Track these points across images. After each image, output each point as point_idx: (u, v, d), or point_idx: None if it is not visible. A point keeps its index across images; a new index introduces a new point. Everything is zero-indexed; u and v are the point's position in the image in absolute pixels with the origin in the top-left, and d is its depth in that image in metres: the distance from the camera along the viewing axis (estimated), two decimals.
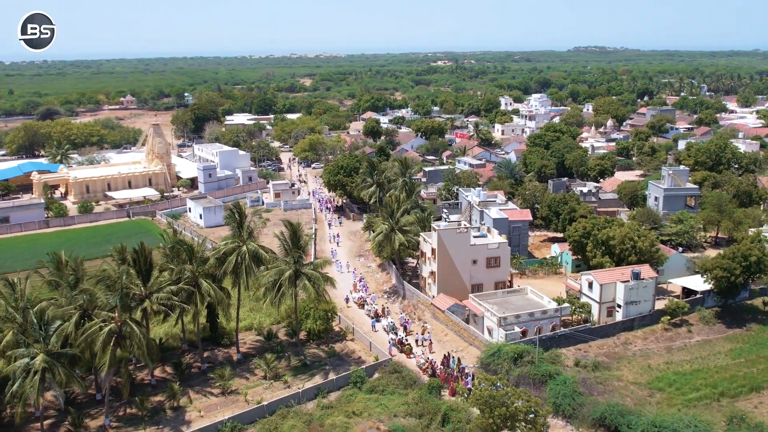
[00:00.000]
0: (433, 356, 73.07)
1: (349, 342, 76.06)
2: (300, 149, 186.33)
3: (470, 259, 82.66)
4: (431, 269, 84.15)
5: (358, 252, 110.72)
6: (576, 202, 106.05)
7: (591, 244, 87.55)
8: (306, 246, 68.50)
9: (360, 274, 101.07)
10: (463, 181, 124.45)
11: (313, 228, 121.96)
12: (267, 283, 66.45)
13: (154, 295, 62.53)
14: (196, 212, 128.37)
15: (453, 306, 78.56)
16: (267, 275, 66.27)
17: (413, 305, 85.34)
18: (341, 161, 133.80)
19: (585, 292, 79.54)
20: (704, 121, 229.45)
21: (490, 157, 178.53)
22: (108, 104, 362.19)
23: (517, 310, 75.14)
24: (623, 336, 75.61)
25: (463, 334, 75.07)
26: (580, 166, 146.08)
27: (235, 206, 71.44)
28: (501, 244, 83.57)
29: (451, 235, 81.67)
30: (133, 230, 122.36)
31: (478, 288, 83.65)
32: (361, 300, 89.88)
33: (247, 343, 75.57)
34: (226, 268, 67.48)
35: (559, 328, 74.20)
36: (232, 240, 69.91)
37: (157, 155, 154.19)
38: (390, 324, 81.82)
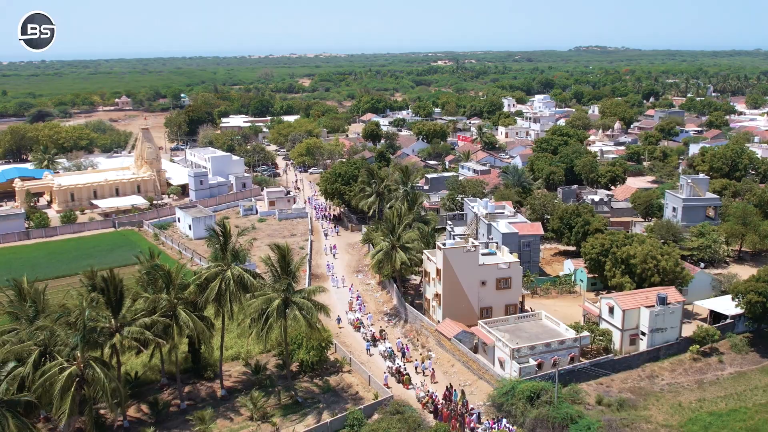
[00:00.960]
0: (435, 388, 66.12)
1: (346, 374, 68.89)
2: (297, 153, 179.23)
3: (479, 281, 75.56)
4: (436, 291, 77.04)
5: (356, 267, 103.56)
6: (590, 214, 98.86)
7: (610, 262, 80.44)
8: (297, 271, 61.21)
9: (357, 291, 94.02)
10: (468, 189, 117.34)
11: (309, 240, 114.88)
12: (253, 313, 59.28)
13: (125, 329, 55.37)
14: (185, 223, 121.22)
15: (460, 333, 71.42)
16: (253, 305, 59.06)
17: (416, 330, 78.21)
18: (339, 168, 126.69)
19: (605, 318, 72.40)
20: (714, 124, 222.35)
21: (495, 162, 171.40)
22: (103, 105, 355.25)
23: (532, 339, 68.02)
24: (648, 367, 68.48)
25: (471, 365, 67.91)
26: (590, 172, 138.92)
27: (219, 224, 64.12)
28: (512, 264, 76.45)
29: (458, 255, 74.55)
30: (118, 242, 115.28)
31: (487, 312, 76.58)
32: (357, 322, 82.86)
33: (233, 375, 68.41)
34: (207, 295, 60.33)
35: (578, 359, 67.05)
36: (215, 263, 62.76)
37: (147, 161, 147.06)
38: (388, 350, 74.82)
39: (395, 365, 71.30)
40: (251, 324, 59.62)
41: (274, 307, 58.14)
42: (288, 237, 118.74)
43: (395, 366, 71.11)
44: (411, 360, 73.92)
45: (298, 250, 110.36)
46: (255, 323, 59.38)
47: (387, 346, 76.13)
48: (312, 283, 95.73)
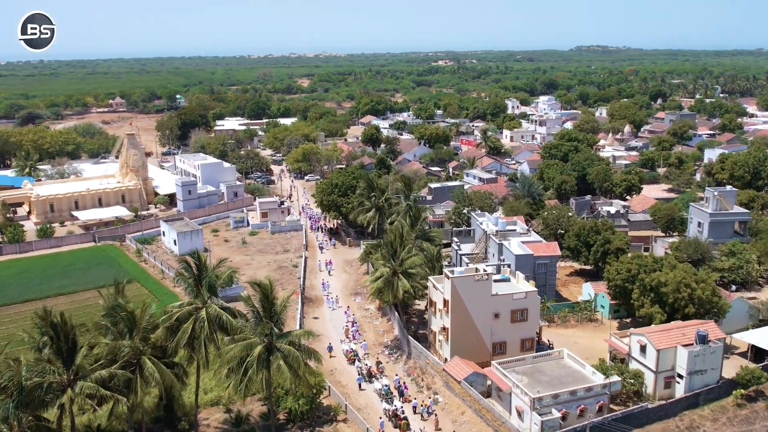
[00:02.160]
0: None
1: (341, 425, 60.21)
2: (293, 159, 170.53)
3: (491, 313, 66.96)
4: (443, 324, 68.40)
5: (353, 288, 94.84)
6: (610, 231, 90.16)
7: (637, 290, 71.75)
8: (283, 311, 52.61)
9: (353, 315, 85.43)
10: (475, 202, 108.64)
11: (303, 256, 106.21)
12: (231, 361, 50.52)
13: (78, 383, 46.72)
14: (169, 237, 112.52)
15: (471, 375, 62.76)
16: (230, 352, 50.28)
17: (420, 368, 69.55)
18: (335, 178, 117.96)
19: (636, 357, 63.73)
20: (728, 127, 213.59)
21: (501, 169, 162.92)
22: (96, 107, 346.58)
23: (554, 383, 59.36)
24: (687, 417, 59.82)
25: (485, 414, 59.23)
26: (604, 181, 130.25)
27: (192, 254, 55.37)
28: (529, 294, 67.79)
29: (468, 285, 65.91)
30: (97, 259, 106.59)
31: (501, 347, 67.97)
32: (352, 354, 74.32)
33: (212, 426, 59.69)
34: (178, 339, 51.67)
35: (607, 408, 58.38)
36: (189, 301, 54.09)
37: (132, 168, 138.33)
38: (384, 388, 66.28)
39: (392, 407, 62.83)
40: (229, 373, 50.90)
41: (255, 356, 49.41)
42: (280, 253, 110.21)
43: (392, 408, 62.65)
44: (409, 400, 65.48)
45: (291, 268, 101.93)
46: (233, 372, 50.68)
47: (384, 383, 67.64)
48: (305, 308, 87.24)
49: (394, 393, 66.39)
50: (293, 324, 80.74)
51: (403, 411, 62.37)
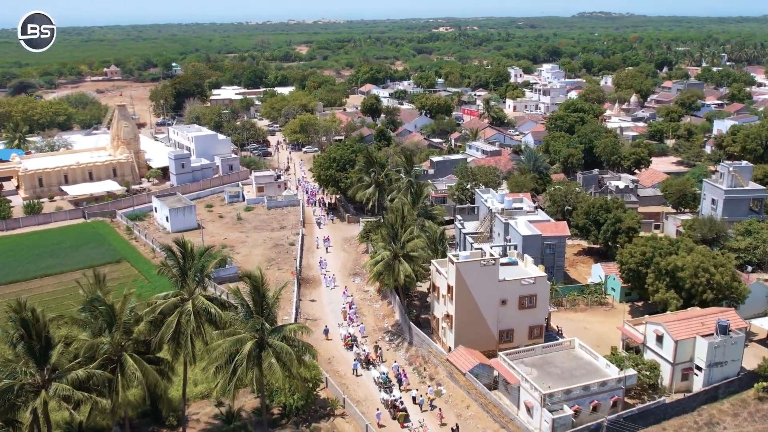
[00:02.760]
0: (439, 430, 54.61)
1: (339, 420, 56.75)
2: (290, 131, 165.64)
3: (498, 299, 63.15)
4: (446, 311, 64.65)
5: (352, 269, 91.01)
6: (621, 209, 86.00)
7: (653, 274, 67.84)
8: (275, 305, 48.63)
9: (351, 296, 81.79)
10: (479, 177, 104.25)
11: (300, 234, 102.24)
12: (219, 358, 46.73)
13: (53, 385, 43.03)
14: (161, 214, 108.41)
15: (477, 367, 59.16)
16: (219, 347, 46.47)
17: (423, 357, 65.98)
18: (333, 152, 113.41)
19: (651, 347, 60.08)
20: (737, 97, 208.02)
21: (505, 140, 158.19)
22: (91, 75, 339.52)
23: (564, 377, 55.82)
24: (706, 411, 56.36)
25: (491, 409, 55.74)
26: (612, 154, 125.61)
27: (177, 242, 51.17)
28: (538, 279, 63.89)
29: (474, 270, 61.97)
30: (86, 237, 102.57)
31: (508, 335, 64.32)
32: (350, 339, 70.81)
33: (202, 421, 56.29)
34: (163, 334, 47.87)
35: (621, 403, 54.86)
36: (174, 292, 50.15)
37: (124, 141, 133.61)
38: (382, 376, 62.88)
39: (391, 397, 59.46)
40: (217, 371, 47.16)
41: (245, 353, 45.59)
42: (277, 230, 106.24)
43: (391, 399, 59.29)
44: (408, 389, 62.16)
45: (287, 247, 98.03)
46: (222, 370, 46.95)
47: (382, 371, 64.21)
48: (302, 289, 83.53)
49: (393, 381, 63.07)
50: (289, 307, 77.20)
51: (402, 402, 59.03)
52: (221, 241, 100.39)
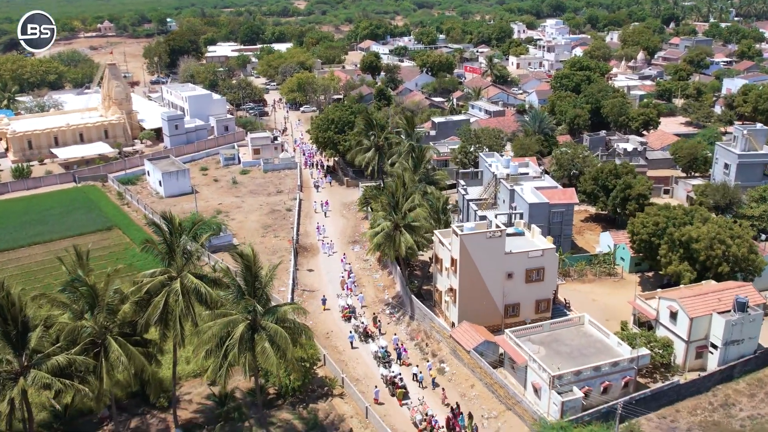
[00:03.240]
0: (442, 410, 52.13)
1: (337, 400, 54.32)
2: (287, 89, 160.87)
3: (504, 273, 60.21)
4: (450, 284, 61.77)
5: (351, 236, 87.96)
6: (631, 175, 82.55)
7: (665, 246, 64.78)
8: (269, 284, 45.49)
9: (350, 265, 78.99)
10: (483, 140, 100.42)
11: (297, 198, 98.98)
12: (209, 341, 43.88)
13: (32, 372, 40.28)
14: (154, 178, 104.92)
15: (482, 345, 56.52)
16: (209, 330, 43.58)
17: (425, 332, 63.35)
18: (332, 113, 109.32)
19: (664, 323, 57.36)
20: (746, 54, 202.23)
21: (508, 100, 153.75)
22: (84, 31, 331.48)
23: (574, 356, 53.22)
24: (721, 391, 53.94)
25: (497, 390, 53.26)
26: (620, 115, 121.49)
27: (163, 215, 47.77)
28: (546, 252, 60.83)
29: (479, 242, 58.87)
30: (76, 203, 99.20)
31: (514, 309, 61.60)
32: (348, 311, 68.20)
33: (194, 402, 53.87)
34: (149, 316, 44.98)
35: (633, 383, 52.38)
36: (162, 269, 47.08)
37: (115, 101, 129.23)
38: (381, 350, 60.47)
39: (390, 373, 57.11)
40: (207, 355, 44.39)
41: (237, 337, 42.73)
42: (273, 194, 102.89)
43: (389, 375, 56.94)
44: (408, 363, 59.82)
45: (284, 212, 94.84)
46: (213, 354, 44.18)
47: (381, 345, 61.75)
48: (299, 258, 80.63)
49: (392, 355, 60.66)
50: (286, 278, 74.42)
51: (402, 378, 56.62)
52: (216, 206, 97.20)
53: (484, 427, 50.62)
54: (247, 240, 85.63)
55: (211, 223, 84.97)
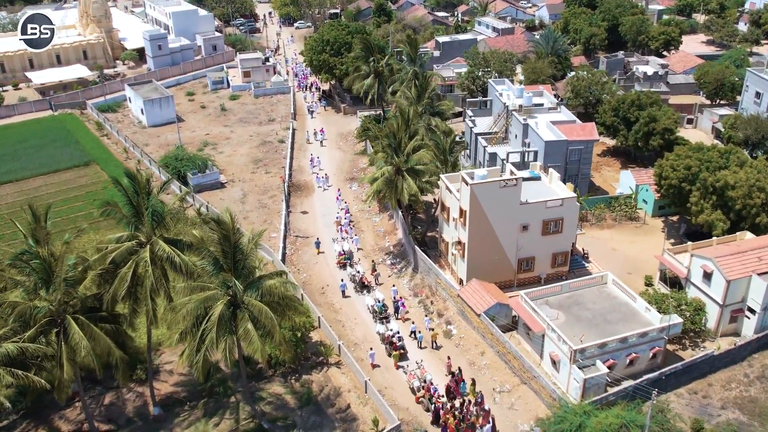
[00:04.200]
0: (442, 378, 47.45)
1: (333, 370, 49.16)
2: (280, 3, 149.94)
3: (519, 224, 54.05)
4: (458, 237, 55.69)
5: (349, 172, 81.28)
6: (657, 106, 75.11)
7: (697, 193, 58.29)
8: (250, 258, 39.14)
9: (346, 203, 72.89)
10: (492, 64, 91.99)
11: (291, 128, 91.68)
12: (184, 319, 38.05)
13: None
14: (136, 105, 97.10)
15: (493, 308, 50.97)
16: (183, 309, 37.68)
17: (430, 288, 57.74)
18: (327, 33, 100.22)
19: (696, 283, 51.64)
20: None
21: (517, 15, 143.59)
22: None
23: (596, 322, 47.75)
24: (757, 361, 48.79)
25: (510, 360, 48.08)
26: (639, 34, 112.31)
27: (128, 175, 40.90)
28: (566, 201, 54.39)
29: (492, 192, 52.37)
30: (53, 133, 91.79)
31: (528, 263, 55.81)
32: (343, 257, 62.59)
33: (175, 374, 48.69)
34: (115, 290, 39.04)
35: (662, 354, 47.15)
36: (129, 234, 40.73)
37: (93, 19, 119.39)
38: (378, 304, 55.27)
39: (387, 331, 52.07)
40: (182, 336, 38.69)
41: (215, 318, 36.84)
42: (265, 123, 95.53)
43: (387, 333, 51.89)
44: (407, 318, 54.80)
45: (276, 145, 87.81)
46: (189, 336, 38.47)
47: (377, 298, 56.48)
48: (292, 199, 74.29)
49: (389, 309, 55.46)
50: (277, 221, 68.38)
51: (401, 338, 51.53)
52: (203, 137, 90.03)
53: (496, 403, 45.72)
54: (236, 177, 79.14)
55: (196, 159, 78.33)
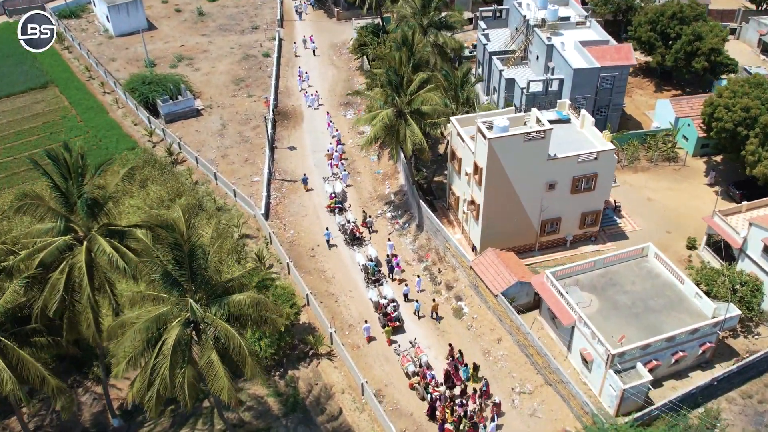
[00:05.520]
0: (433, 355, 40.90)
1: (324, 363, 41.96)
2: None
3: (544, 183, 45.34)
4: (471, 195, 47.04)
5: (342, 94, 71.11)
6: (702, 21, 64.15)
7: (756, 140, 48.97)
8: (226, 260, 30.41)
9: (338, 131, 63.84)
10: None
11: (277, 38, 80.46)
12: (131, 344, 30.09)
13: None
14: (100, 11, 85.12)
15: (513, 287, 43.11)
16: (131, 329, 29.66)
17: (437, 252, 49.62)
18: None
19: (752, 256, 43.51)
20: None
21: None
22: None
23: (636, 311, 40.06)
24: None
25: (532, 354, 40.74)
26: None
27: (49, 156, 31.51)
28: (602, 155, 45.31)
29: (514, 147, 43.24)
30: (7, 47, 79.83)
31: (552, 225, 47.65)
32: (333, 202, 54.49)
33: None
34: (47, 300, 30.93)
35: (712, 351, 39.80)
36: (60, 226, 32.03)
37: None
38: (371, 265, 47.90)
39: (381, 299, 44.94)
40: (130, 363, 30.85)
41: (170, 345, 28.85)
42: (248, 32, 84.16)
43: (381, 301, 44.72)
44: (402, 279, 47.72)
45: (260, 59, 77.05)
46: (136, 364, 30.61)
47: (371, 255, 48.96)
48: (278, 130, 64.86)
49: (382, 269, 48.01)
50: (261, 159, 59.48)
51: (396, 307, 44.35)
52: (177, 49, 79.19)
53: (515, 406, 38.92)
54: (214, 102, 69.23)
55: (167, 81, 68.08)
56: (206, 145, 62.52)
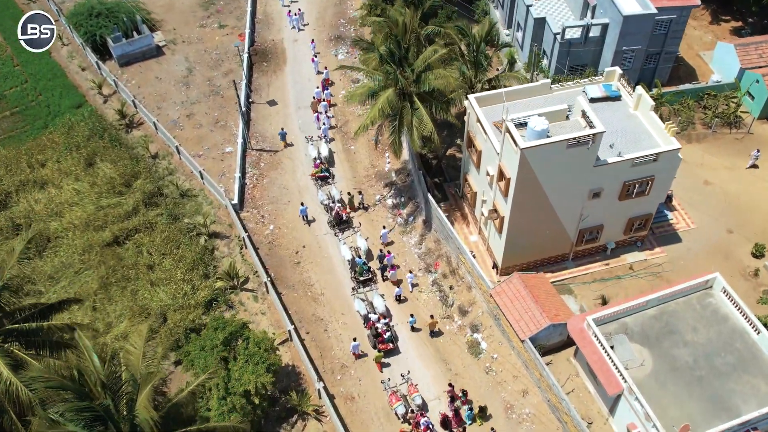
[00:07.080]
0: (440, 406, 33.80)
1: (312, 423, 34.26)
2: None
3: (588, 191, 35.79)
4: (494, 203, 37.49)
5: (334, 25, 59.07)
6: None
7: None
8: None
9: (326, 68, 53.29)
10: None
11: None
12: None
13: None
14: None
15: (546, 330, 34.65)
16: None
17: (447, 259, 40.61)
18: None
19: None
20: None
21: None
22: None
23: (699, 370, 31.99)
24: None
25: (567, 422, 33.00)
26: None
27: None
28: (663, 156, 35.33)
29: (554, 155, 33.26)
30: None
31: (592, 233, 38.75)
32: (318, 170, 45.64)
33: None
34: None
35: None
36: None
37: None
38: (360, 261, 40.23)
39: (371, 313, 37.80)
40: None
41: None
42: None
43: (373, 317, 37.45)
44: (395, 281, 39.64)
45: None
46: None
47: (360, 246, 41.22)
48: (255, 76, 53.86)
49: (372, 269, 39.92)
50: (234, 120, 49.26)
51: (388, 326, 36.65)
52: None
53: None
54: (177, 35, 57.49)
55: (120, 12, 55.93)
56: (168, 99, 51.77)
